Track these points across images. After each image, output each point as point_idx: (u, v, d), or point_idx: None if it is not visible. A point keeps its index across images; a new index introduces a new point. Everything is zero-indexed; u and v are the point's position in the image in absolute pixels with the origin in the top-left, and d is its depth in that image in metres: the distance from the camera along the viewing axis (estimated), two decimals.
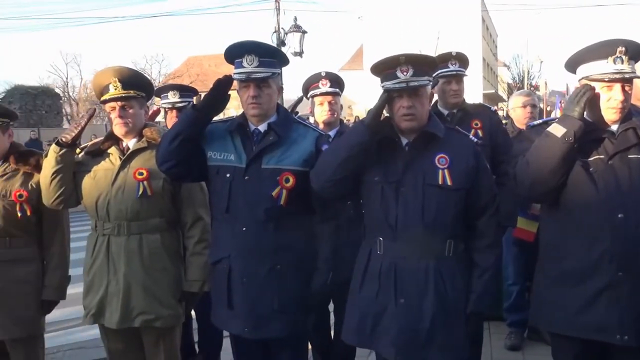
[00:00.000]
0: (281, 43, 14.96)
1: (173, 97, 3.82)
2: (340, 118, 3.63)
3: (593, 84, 2.31)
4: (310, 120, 3.46)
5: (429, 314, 2.34)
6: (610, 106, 2.30)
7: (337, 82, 3.51)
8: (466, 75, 3.85)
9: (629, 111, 2.36)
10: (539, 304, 2.50)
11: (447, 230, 2.39)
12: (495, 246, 2.49)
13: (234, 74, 2.55)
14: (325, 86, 3.46)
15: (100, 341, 3.07)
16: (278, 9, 17.03)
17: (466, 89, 3.88)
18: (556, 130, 2.27)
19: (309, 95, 3.55)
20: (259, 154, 2.55)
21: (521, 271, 4.29)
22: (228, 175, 2.56)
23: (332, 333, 3.57)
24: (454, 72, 3.77)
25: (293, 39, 15.04)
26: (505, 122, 4.59)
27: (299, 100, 3.73)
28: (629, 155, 2.29)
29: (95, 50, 69.33)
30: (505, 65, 49.72)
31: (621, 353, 2.33)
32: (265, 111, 2.57)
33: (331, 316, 3.58)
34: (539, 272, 2.51)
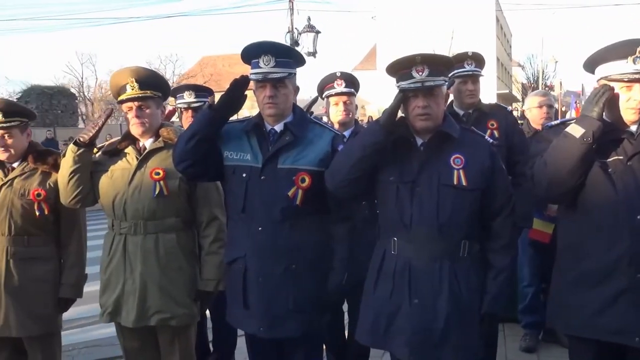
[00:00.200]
0: (295, 43, 14.99)
1: (188, 97, 3.83)
2: (355, 118, 3.63)
3: (612, 84, 2.28)
4: (324, 120, 3.46)
5: (443, 313, 2.34)
6: (629, 106, 2.27)
7: (352, 82, 3.51)
8: (482, 75, 3.83)
9: None
10: (556, 306, 2.47)
11: (462, 231, 2.37)
12: (510, 247, 2.48)
13: (251, 74, 2.56)
14: (340, 86, 3.46)
15: (115, 339, 3.09)
16: (292, 9, 17.08)
17: (480, 89, 3.86)
18: (574, 130, 2.25)
19: (324, 95, 3.56)
20: (275, 153, 2.55)
21: (536, 272, 4.26)
22: (244, 175, 2.57)
23: (346, 333, 3.57)
24: (470, 72, 3.76)
25: (306, 39, 15.08)
26: (521, 123, 4.56)
27: (314, 100, 3.73)
28: None
29: (111, 50, 69.99)
30: (519, 65, 49.38)
31: None
32: (281, 111, 2.58)
33: (345, 316, 3.58)
34: (556, 274, 2.49)
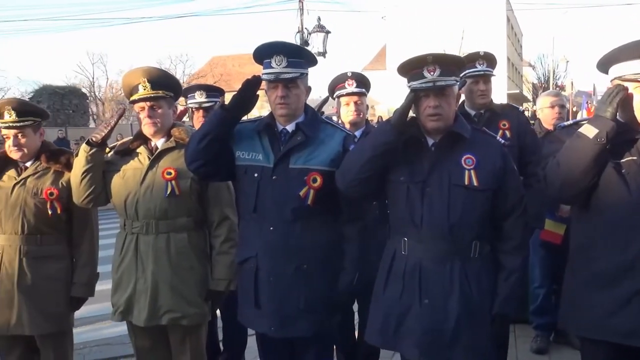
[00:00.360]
0: (304, 43, 14.98)
1: (200, 97, 3.84)
2: (366, 118, 3.63)
3: (626, 84, 2.26)
4: (334, 119, 3.46)
5: (454, 314, 2.33)
6: None
7: (363, 82, 3.51)
8: (494, 75, 3.82)
9: None
10: (568, 307, 2.45)
11: (473, 231, 2.37)
12: (522, 248, 2.46)
13: (263, 74, 2.56)
14: (351, 86, 3.45)
15: (125, 338, 3.11)
16: (302, 9, 17.08)
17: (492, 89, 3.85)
18: (588, 131, 2.23)
19: (335, 95, 3.55)
20: (286, 153, 2.56)
21: (548, 273, 4.23)
22: (256, 174, 2.58)
23: (356, 333, 3.57)
24: (482, 72, 3.75)
25: (316, 39, 15.05)
26: (532, 123, 4.54)
27: (325, 100, 3.73)
28: None
29: (121, 50, 70.45)
30: (530, 65, 49.13)
31: None
32: (293, 111, 2.59)
33: (355, 316, 3.58)
34: (569, 275, 2.47)
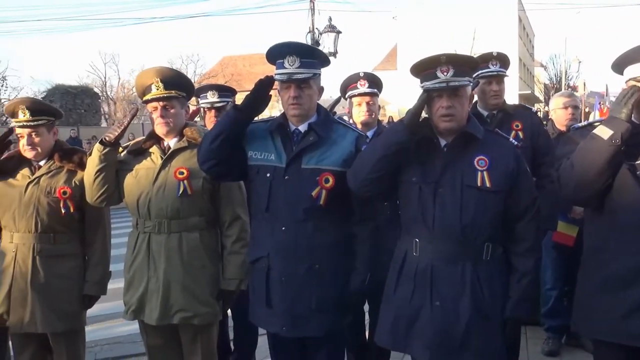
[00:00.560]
0: (316, 43, 14.97)
1: (212, 97, 3.84)
2: (378, 118, 3.62)
3: None
4: (345, 119, 3.45)
5: (465, 316, 2.32)
6: None
7: (375, 83, 3.50)
8: (507, 76, 3.79)
9: None
10: (581, 310, 2.44)
11: (485, 233, 2.35)
12: (535, 250, 2.44)
13: (275, 74, 2.57)
14: (363, 87, 3.45)
15: (137, 336, 3.13)
16: (313, 9, 17.08)
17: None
18: (602, 132, 2.22)
19: (347, 96, 3.54)
20: (299, 153, 2.56)
21: (560, 276, 4.21)
22: (268, 174, 2.58)
23: (367, 334, 3.56)
24: (495, 73, 3.73)
25: (327, 39, 15.04)
26: (545, 124, 4.51)
27: (337, 100, 3.73)
28: None
29: (133, 50, 70.83)
30: (542, 66, 48.86)
31: None
32: (305, 111, 2.59)
33: (366, 316, 3.57)
34: (582, 277, 2.45)
